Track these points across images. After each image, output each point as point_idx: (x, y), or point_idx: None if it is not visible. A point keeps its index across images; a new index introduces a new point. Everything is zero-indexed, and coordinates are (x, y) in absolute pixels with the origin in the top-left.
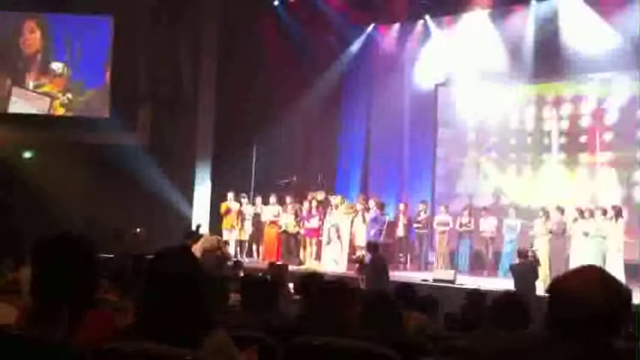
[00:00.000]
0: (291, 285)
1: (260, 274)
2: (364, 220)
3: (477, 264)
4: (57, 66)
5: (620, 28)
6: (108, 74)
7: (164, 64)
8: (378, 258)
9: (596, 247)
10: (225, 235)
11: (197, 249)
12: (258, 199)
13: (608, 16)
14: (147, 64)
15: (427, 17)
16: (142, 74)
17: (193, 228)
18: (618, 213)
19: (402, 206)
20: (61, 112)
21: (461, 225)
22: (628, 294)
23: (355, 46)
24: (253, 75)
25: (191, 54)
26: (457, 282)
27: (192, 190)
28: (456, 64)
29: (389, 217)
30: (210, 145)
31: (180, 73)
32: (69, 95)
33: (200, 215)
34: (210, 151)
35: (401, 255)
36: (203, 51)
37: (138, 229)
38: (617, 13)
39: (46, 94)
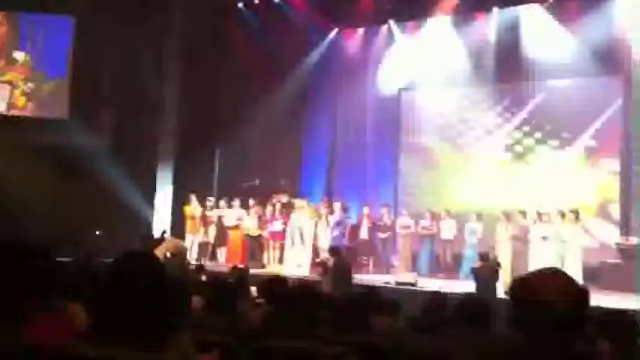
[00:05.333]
0: (254, 288)
1: (223, 278)
2: (328, 224)
3: (439, 267)
4: (19, 55)
5: (579, 35)
6: (69, 73)
7: (127, 65)
8: (341, 261)
9: (555, 251)
10: (189, 239)
11: (159, 253)
12: (222, 203)
13: (567, 24)
14: (109, 65)
15: (391, 22)
16: (105, 75)
17: (158, 234)
18: (577, 216)
19: (365, 209)
20: (22, 102)
21: (423, 228)
22: (587, 296)
23: (320, 50)
24: (217, 77)
25: (155, 55)
26: (419, 285)
27: (154, 193)
28: (419, 69)
29: (352, 220)
30: (173, 148)
31: (143, 74)
32: (30, 84)
33: (162, 218)
34: (173, 154)
35: (364, 258)
36: (167, 52)
37: (97, 232)
38: (576, 21)
39: (7, 82)
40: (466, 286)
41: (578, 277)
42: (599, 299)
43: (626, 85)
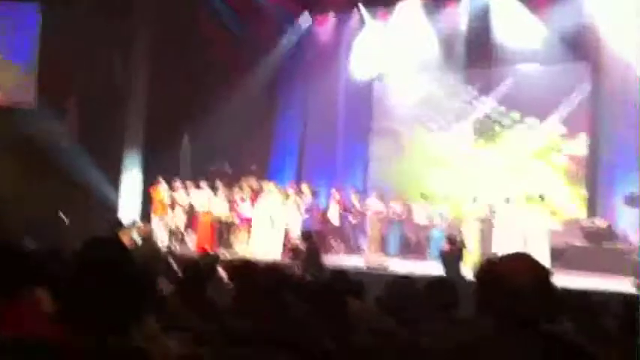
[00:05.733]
0: (223, 273)
1: (192, 262)
2: (298, 208)
3: (407, 250)
4: None
5: (548, 22)
6: (37, 62)
7: (96, 53)
8: (312, 246)
9: (522, 233)
10: (157, 223)
11: (129, 238)
12: (191, 187)
13: (537, 11)
14: (78, 53)
15: (362, 8)
16: (73, 63)
17: (126, 219)
18: (543, 200)
19: (335, 194)
20: None
21: (392, 212)
22: (551, 280)
23: (291, 35)
24: (187, 62)
25: (124, 41)
26: (388, 267)
27: (121, 179)
28: (390, 55)
29: (322, 204)
30: (142, 133)
31: (111, 60)
32: None
33: (130, 203)
34: (142, 139)
35: (333, 241)
36: (135, 37)
37: (65, 218)
38: (545, 8)
39: None
40: (435, 268)
41: (545, 260)
42: (565, 281)
43: (594, 71)
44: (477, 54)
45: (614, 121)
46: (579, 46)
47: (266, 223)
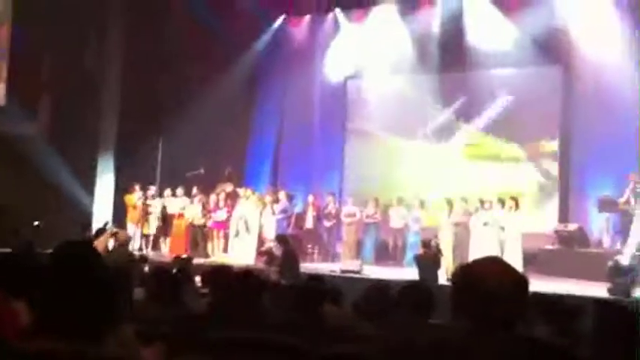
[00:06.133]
0: (198, 278)
1: (166, 268)
2: (273, 212)
3: (383, 254)
4: None
5: (520, 25)
6: (6, 57)
7: (68, 51)
8: (288, 250)
9: (496, 237)
10: (131, 229)
11: (103, 243)
12: (166, 192)
13: (509, 14)
14: (49, 52)
15: (337, 10)
16: (44, 60)
17: (99, 223)
18: (516, 204)
19: (310, 198)
20: None
21: (367, 216)
22: (525, 283)
23: (267, 37)
24: (162, 65)
25: (97, 41)
26: (363, 272)
27: (95, 182)
28: (365, 57)
29: (297, 208)
30: (115, 136)
31: (84, 61)
32: None
33: (103, 208)
34: (115, 142)
35: (309, 246)
36: (108, 38)
37: (37, 223)
38: (518, 11)
39: None
40: (410, 273)
41: (518, 263)
42: (539, 285)
43: (566, 74)
44: (451, 56)
45: (586, 124)
46: (552, 49)
47: (241, 229)
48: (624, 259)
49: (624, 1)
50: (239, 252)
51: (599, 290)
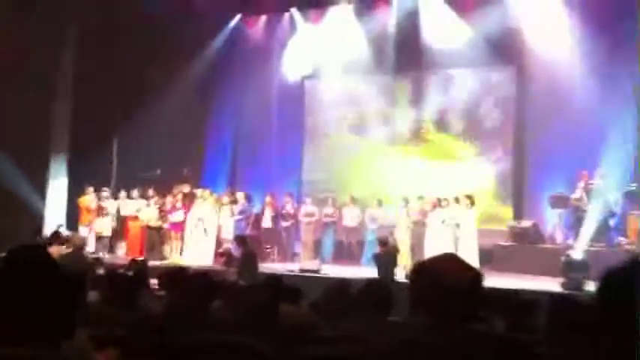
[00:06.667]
0: (154, 281)
1: (121, 271)
2: (232, 214)
3: (342, 254)
4: None
5: (475, 25)
6: None
7: (19, 51)
8: (248, 251)
9: (452, 234)
10: (85, 232)
11: (57, 247)
12: (121, 194)
13: (464, 14)
14: None
15: (294, 10)
16: None
17: (52, 227)
18: (472, 202)
19: (268, 198)
20: None
21: (325, 215)
22: (481, 279)
23: (223, 37)
24: (116, 64)
25: (49, 40)
26: (322, 272)
27: (46, 186)
28: (322, 57)
29: (256, 209)
30: (68, 137)
31: (36, 60)
32: None
33: (56, 211)
34: (68, 144)
35: (267, 246)
36: (62, 38)
37: None
38: (472, 12)
39: None
40: (368, 271)
41: (474, 260)
42: (494, 281)
43: (519, 73)
44: (406, 57)
45: (540, 122)
46: (505, 49)
47: (199, 230)
48: (577, 254)
49: (574, 0)
50: (196, 254)
51: (553, 285)
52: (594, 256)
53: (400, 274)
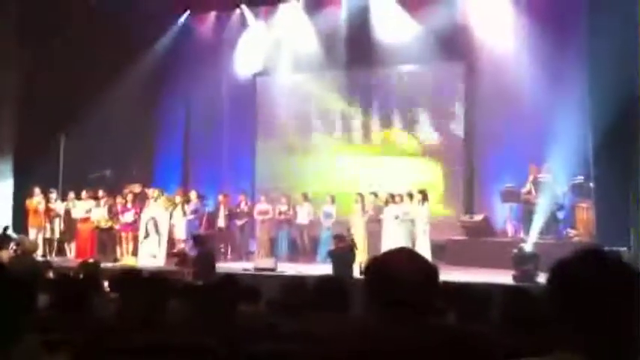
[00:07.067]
0: (106, 283)
1: (71, 274)
2: (184, 213)
3: (297, 252)
4: None
5: (424, 22)
6: None
7: None
8: (204, 250)
9: (406, 230)
10: (32, 234)
11: (6, 251)
12: (69, 195)
13: (413, 11)
14: None
15: (243, 7)
16: None
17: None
18: (424, 197)
19: (221, 197)
20: None
21: (280, 213)
22: (436, 272)
23: (171, 33)
24: (61, 61)
25: None
26: (278, 270)
27: None
28: (273, 54)
29: (209, 208)
30: (13, 137)
31: None
32: None
33: (1, 213)
34: (13, 144)
35: (222, 245)
36: (3, 32)
37: None
38: (422, 8)
39: None
40: (324, 268)
41: (427, 254)
42: (448, 274)
43: (469, 69)
44: (357, 53)
45: (489, 117)
46: (455, 46)
47: (151, 230)
48: (527, 247)
49: None
50: (149, 254)
51: (505, 278)
52: (544, 249)
53: (357, 271)
